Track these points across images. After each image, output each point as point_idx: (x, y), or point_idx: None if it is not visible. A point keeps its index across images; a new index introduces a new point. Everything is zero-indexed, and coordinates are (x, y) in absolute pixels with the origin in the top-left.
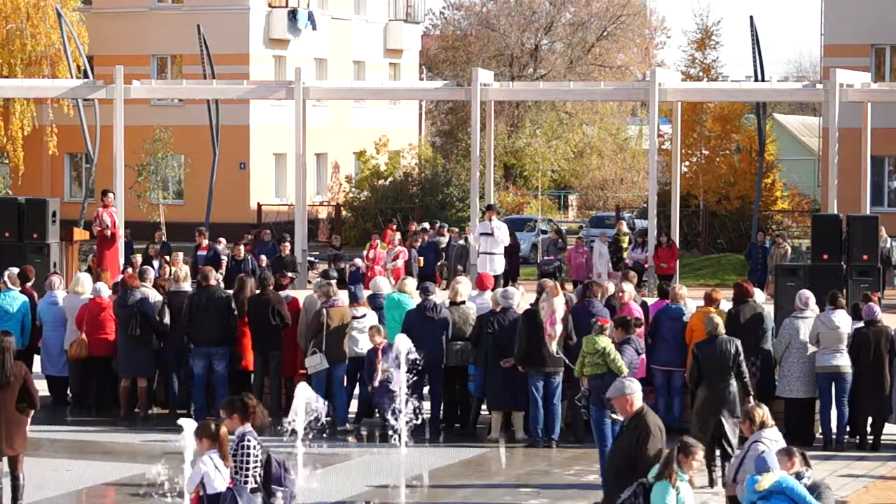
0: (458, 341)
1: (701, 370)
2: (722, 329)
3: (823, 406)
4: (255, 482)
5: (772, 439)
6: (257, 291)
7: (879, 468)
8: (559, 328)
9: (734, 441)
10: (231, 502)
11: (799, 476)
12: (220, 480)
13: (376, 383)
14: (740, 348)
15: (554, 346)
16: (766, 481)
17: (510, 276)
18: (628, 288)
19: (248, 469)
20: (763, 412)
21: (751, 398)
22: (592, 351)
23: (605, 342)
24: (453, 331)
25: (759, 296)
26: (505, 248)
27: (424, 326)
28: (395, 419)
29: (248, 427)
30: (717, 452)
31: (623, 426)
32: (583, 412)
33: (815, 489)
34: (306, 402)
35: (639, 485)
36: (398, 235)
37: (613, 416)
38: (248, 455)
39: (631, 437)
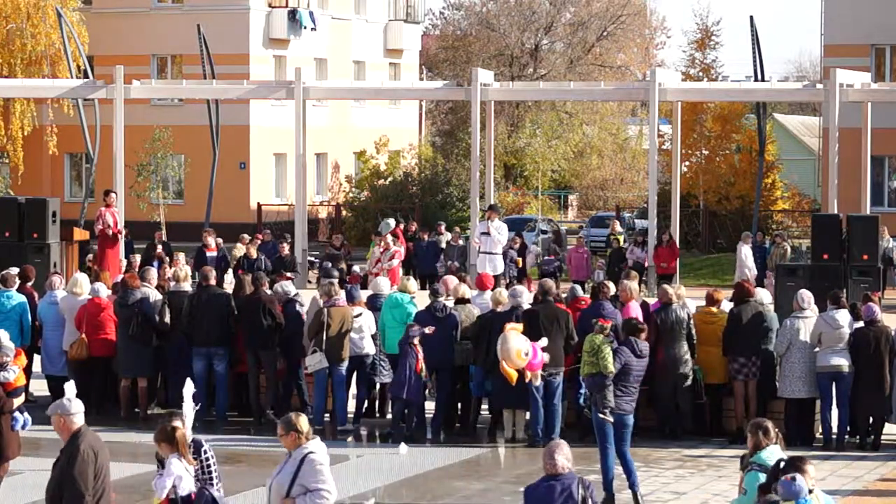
0: (462, 341)
1: (659, 332)
2: (674, 298)
3: (824, 406)
4: None
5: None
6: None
7: (879, 468)
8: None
9: (686, 401)
10: (210, 502)
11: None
12: (190, 481)
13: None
14: (691, 315)
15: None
16: None
17: (520, 275)
18: (632, 285)
19: None
20: None
21: (695, 360)
22: (589, 350)
23: (598, 340)
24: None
25: (766, 296)
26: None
27: (434, 327)
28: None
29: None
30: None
31: (61, 450)
32: (585, 412)
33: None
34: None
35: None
36: (390, 237)
37: (603, 416)
38: None
39: (64, 460)
